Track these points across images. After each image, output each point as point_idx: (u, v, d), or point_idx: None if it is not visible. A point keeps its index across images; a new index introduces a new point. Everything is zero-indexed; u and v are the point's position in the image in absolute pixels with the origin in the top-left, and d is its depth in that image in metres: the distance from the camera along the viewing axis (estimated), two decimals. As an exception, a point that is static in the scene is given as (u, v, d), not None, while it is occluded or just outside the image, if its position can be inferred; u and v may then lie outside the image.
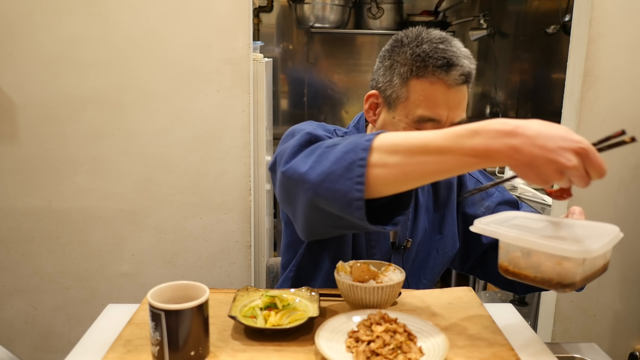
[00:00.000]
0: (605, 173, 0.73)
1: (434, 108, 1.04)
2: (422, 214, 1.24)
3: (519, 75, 3.74)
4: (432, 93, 1.03)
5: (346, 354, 0.84)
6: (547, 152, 0.70)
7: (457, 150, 0.76)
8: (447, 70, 1.01)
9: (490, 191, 1.28)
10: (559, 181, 0.73)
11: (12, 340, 1.74)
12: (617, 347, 1.80)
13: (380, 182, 0.81)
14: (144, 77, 1.61)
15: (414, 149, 0.79)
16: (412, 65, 1.04)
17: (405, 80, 1.05)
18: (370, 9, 3.36)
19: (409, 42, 1.06)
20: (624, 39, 1.60)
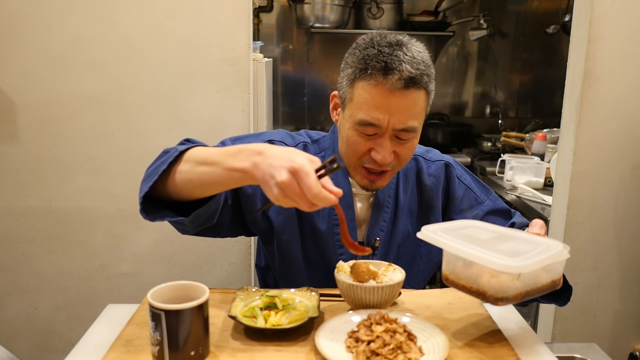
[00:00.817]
0: (319, 196, 0.79)
1: (373, 112, 1.04)
2: (404, 216, 1.24)
3: (519, 75, 3.74)
4: (372, 96, 1.04)
5: (346, 354, 0.84)
6: (271, 168, 0.81)
7: (224, 166, 0.88)
8: (385, 74, 1.02)
9: (480, 198, 1.27)
10: (282, 198, 0.81)
11: (12, 340, 1.74)
12: (617, 347, 1.80)
13: (175, 186, 0.97)
14: (144, 77, 1.61)
15: (199, 161, 0.93)
16: (356, 67, 1.06)
17: (351, 82, 1.08)
18: (370, 9, 3.36)
19: (361, 44, 1.09)
20: (624, 39, 1.60)
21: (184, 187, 0.97)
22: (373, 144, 1.07)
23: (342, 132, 1.12)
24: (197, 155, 0.95)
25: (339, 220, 1.11)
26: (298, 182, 0.80)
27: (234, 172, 0.87)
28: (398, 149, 1.09)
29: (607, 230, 1.72)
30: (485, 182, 2.92)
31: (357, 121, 1.06)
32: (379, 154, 1.07)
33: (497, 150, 3.23)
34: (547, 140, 2.77)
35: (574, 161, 1.67)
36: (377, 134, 1.06)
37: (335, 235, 1.19)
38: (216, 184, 0.92)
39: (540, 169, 2.51)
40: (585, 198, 1.70)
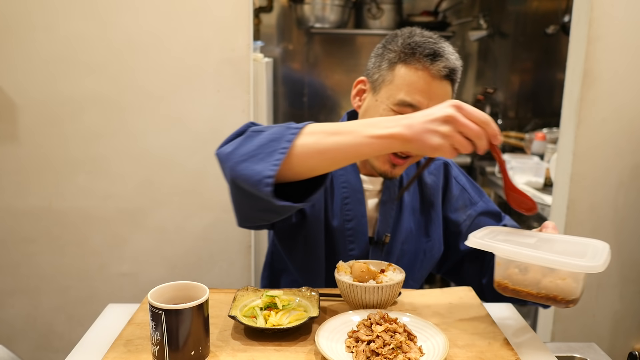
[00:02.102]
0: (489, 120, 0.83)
1: (415, 94, 1.07)
2: (407, 214, 1.25)
3: (518, 75, 3.74)
4: (416, 80, 1.07)
5: (346, 354, 0.84)
6: (427, 117, 0.83)
7: (365, 134, 0.85)
8: (433, 60, 1.06)
9: (474, 199, 1.30)
10: (450, 135, 0.81)
11: (13, 340, 1.74)
12: (617, 347, 1.81)
13: (298, 161, 0.87)
14: (143, 77, 1.61)
15: (330, 131, 0.88)
16: (401, 52, 1.09)
17: (392, 64, 1.10)
18: (370, 9, 3.36)
19: (402, 34, 1.13)
20: (624, 39, 1.60)
21: (309, 161, 0.88)
22: None
23: (373, 115, 1.13)
24: (324, 128, 0.89)
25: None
26: (464, 114, 0.82)
27: (378, 139, 0.84)
28: None
29: (606, 230, 1.72)
30: (485, 182, 2.95)
31: (397, 101, 1.08)
32: None
33: (497, 151, 3.23)
34: (547, 140, 2.77)
35: (573, 161, 1.67)
36: None
37: (347, 231, 1.21)
38: (353, 152, 0.87)
39: (540, 169, 2.51)
40: (585, 198, 1.70)
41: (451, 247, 1.30)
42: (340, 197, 1.22)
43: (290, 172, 0.88)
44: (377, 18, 3.38)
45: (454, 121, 0.82)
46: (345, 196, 1.21)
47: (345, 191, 1.21)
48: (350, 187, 1.21)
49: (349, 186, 1.21)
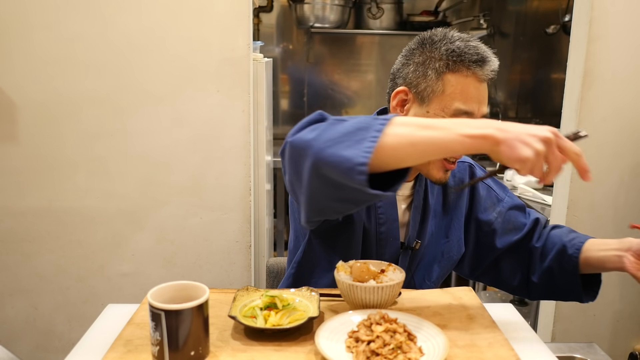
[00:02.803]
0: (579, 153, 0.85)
1: (469, 101, 1.07)
2: (431, 217, 1.24)
3: (519, 75, 3.74)
4: (467, 87, 1.07)
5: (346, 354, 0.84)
6: (526, 130, 0.83)
7: (458, 131, 0.84)
8: (482, 65, 1.06)
9: (500, 196, 1.30)
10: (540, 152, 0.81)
11: (13, 340, 1.74)
12: (617, 347, 1.80)
13: (388, 151, 0.84)
14: (143, 77, 1.61)
15: (423, 125, 0.86)
16: (447, 60, 1.07)
17: (440, 74, 1.08)
18: (370, 9, 3.36)
19: (440, 39, 1.10)
20: (624, 39, 1.60)
21: (400, 151, 0.86)
22: None
23: None
24: (415, 121, 0.88)
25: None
26: (559, 142, 0.83)
27: (470, 138, 0.84)
28: None
29: (607, 230, 1.72)
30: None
31: (453, 111, 1.07)
32: None
33: (497, 150, 3.23)
34: (547, 140, 2.77)
35: (574, 161, 1.67)
36: None
37: (379, 234, 1.19)
38: (444, 148, 0.86)
39: (540, 169, 2.51)
40: (585, 198, 1.70)
41: (486, 246, 1.29)
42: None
43: (378, 161, 0.84)
44: (377, 18, 3.38)
45: (549, 144, 0.82)
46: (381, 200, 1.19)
47: None
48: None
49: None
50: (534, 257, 1.24)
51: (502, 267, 1.29)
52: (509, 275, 1.28)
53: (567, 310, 1.77)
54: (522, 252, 1.26)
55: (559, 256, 1.20)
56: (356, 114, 3.56)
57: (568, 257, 1.17)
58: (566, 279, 1.19)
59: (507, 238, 1.26)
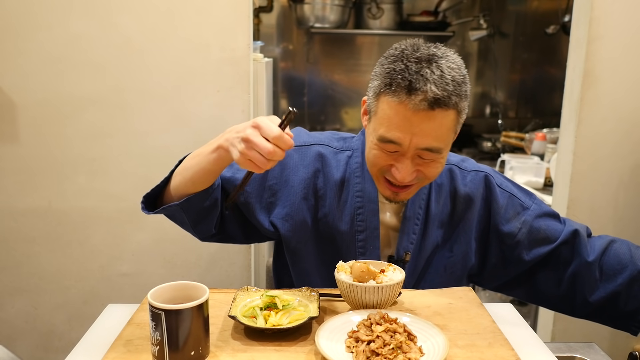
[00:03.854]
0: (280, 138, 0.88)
1: (395, 130, 1.00)
2: (434, 228, 1.18)
3: (519, 75, 3.74)
4: (395, 114, 0.99)
5: (346, 354, 0.84)
6: (236, 132, 0.93)
7: (205, 152, 1.01)
8: (408, 94, 0.97)
9: (525, 204, 1.20)
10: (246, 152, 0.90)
11: (13, 340, 1.74)
12: (617, 347, 1.80)
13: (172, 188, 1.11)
14: (143, 77, 1.61)
15: (189, 159, 1.07)
16: (382, 81, 1.01)
17: (376, 95, 1.03)
18: (370, 9, 3.36)
19: (391, 55, 1.03)
20: (624, 39, 1.60)
21: (181, 185, 1.08)
22: (394, 161, 1.04)
23: (367, 142, 1.09)
24: (188, 157, 1.07)
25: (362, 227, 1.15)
26: (260, 132, 0.89)
27: (211, 153, 0.99)
28: (422, 168, 1.04)
29: (607, 230, 1.72)
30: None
31: (379, 137, 1.02)
32: (399, 173, 1.03)
33: (497, 150, 3.23)
34: (547, 140, 2.77)
35: (574, 161, 1.67)
36: (398, 152, 1.02)
37: (358, 242, 1.16)
38: (203, 170, 1.02)
39: (540, 169, 2.51)
40: (585, 198, 1.70)
41: (512, 261, 1.19)
42: (353, 207, 1.15)
43: (171, 195, 1.12)
44: (377, 18, 3.37)
45: (248, 141, 0.89)
46: (359, 206, 1.15)
47: (359, 200, 1.15)
48: (365, 196, 1.15)
49: (364, 195, 1.15)
50: (590, 274, 1.14)
51: (538, 280, 1.20)
52: (547, 288, 1.20)
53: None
54: (561, 265, 1.17)
55: (633, 282, 1.10)
56: (356, 113, 3.57)
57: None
58: (635, 307, 1.11)
59: (536, 250, 1.17)
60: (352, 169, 1.17)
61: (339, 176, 1.17)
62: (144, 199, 1.13)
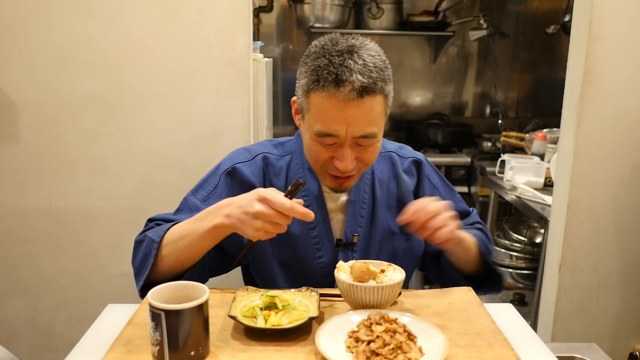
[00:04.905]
0: (294, 209, 0.92)
1: (330, 123, 1.04)
2: (382, 211, 1.24)
3: (519, 75, 3.74)
4: (327, 108, 1.03)
5: (346, 354, 0.84)
6: (241, 208, 0.95)
7: (200, 231, 1.01)
8: (337, 86, 1.01)
9: (445, 199, 1.24)
10: (261, 227, 0.94)
11: (12, 340, 1.74)
12: (617, 347, 1.80)
13: (161, 271, 1.07)
14: (144, 77, 1.61)
15: (177, 239, 1.04)
16: (309, 78, 1.05)
17: (305, 92, 1.07)
18: (370, 9, 3.36)
19: (313, 52, 1.07)
20: (624, 39, 1.60)
21: (175, 266, 1.07)
22: (334, 153, 1.08)
23: (304, 140, 1.14)
24: (174, 235, 1.06)
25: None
26: (270, 205, 0.92)
27: (210, 231, 1.00)
28: (360, 154, 1.09)
29: (607, 230, 1.72)
30: (485, 182, 2.95)
31: (316, 132, 1.06)
32: (340, 163, 1.08)
33: (497, 150, 3.23)
34: (547, 140, 2.77)
35: (574, 161, 1.67)
36: (336, 143, 1.07)
37: (312, 238, 1.19)
38: (200, 248, 1.04)
39: (540, 169, 2.51)
40: (585, 198, 1.70)
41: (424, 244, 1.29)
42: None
43: (167, 273, 1.07)
44: (377, 18, 3.37)
45: (262, 216, 0.92)
46: (307, 204, 1.18)
47: (307, 199, 1.19)
48: (310, 194, 1.20)
49: (309, 193, 1.20)
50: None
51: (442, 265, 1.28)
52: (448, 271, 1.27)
53: (567, 310, 1.77)
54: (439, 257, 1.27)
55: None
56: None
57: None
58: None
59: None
60: (294, 172, 1.22)
61: (282, 181, 1.22)
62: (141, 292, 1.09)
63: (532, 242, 2.93)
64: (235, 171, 1.21)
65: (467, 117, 3.76)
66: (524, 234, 2.97)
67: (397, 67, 3.64)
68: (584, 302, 1.77)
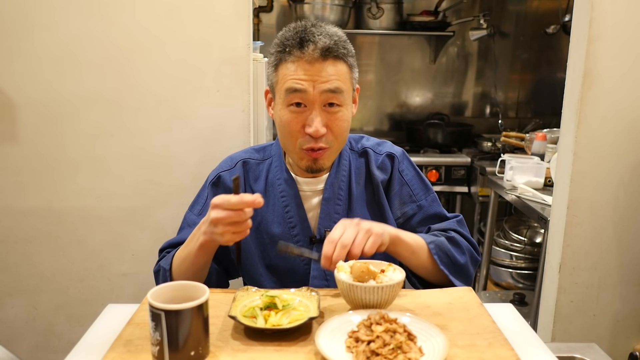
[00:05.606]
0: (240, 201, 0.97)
1: (298, 81, 1.11)
2: (359, 207, 1.26)
3: (519, 75, 3.74)
4: (294, 70, 1.11)
5: (346, 354, 0.84)
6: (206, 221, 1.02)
7: (194, 251, 1.08)
8: (301, 48, 1.10)
9: (417, 197, 1.28)
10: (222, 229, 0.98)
11: (12, 340, 1.74)
12: (617, 347, 1.80)
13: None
14: (144, 77, 1.61)
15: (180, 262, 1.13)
16: (277, 51, 1.15)
17: (275, 67, 1.16)
18: (370, 9, 3.36)
19: (279, 35, 1.17)
20: (624, 39, 1.60)
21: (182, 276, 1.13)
22: (305, 120, 1.13)
23: (278, 120, 1.18)
24: (177, 261, 1.14)
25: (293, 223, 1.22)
26: (222, 208, 0.97)
27: (200, 249, 1.06)
28: (329, 122, 1.14)
29: (607, 230, 1.72)
30: (485, 182, 2.95)
31: (285, 90, 1.12)
32: (311, 128, 1.12)
33: (497, 150, 3.23)
34: (547, 140, 2.77)
35: (574, 161, 1.67)
36: (306, 106, 1.12)
37: (293, 237, 1.23)
38: (200, 265, 1.11)
39: (540, 169, 2.51)
40: (585, 198, 1.70)
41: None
42: (281, 206, 1.24)
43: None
44: (377, 18, 3.37)
45: (219, 221, 0.97)
46: (285, 204, 1.24)
47: (285, 199, 1.24)
48: (288, 194, 1.24)
49: (287, 194, 1.24)
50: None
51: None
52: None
53: (567, 310, 1.77)
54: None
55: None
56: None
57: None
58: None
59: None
60: (273, 174, 1.26)
61: (262, 184, 1.27)
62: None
63: (532, 242, 2.93)
64: (220, 179, 1.28)
65: (467, 117, 3.76)
66: (524, 234, 2.97)
67: (397, 67, 3.65)
68: (584, 302, 1.77)
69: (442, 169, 3.18)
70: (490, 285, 3.07)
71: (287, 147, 1.20)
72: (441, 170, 3.17)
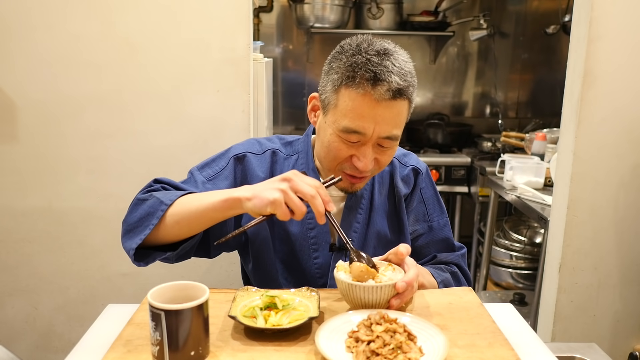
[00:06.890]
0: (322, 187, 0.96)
1: (359, 120, 1.04)
2: (378, 217, 1.24)
3: (519, 75, 3.74)
4: (359, 105, 1.03)
5: (346, 354, 0.84)
6: (268, 182, 0.97)
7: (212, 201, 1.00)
8: (374, 85, 1.01)
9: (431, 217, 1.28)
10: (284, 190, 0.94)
11: (12, 340, 1.74)
12: (617, 347, 1.80)
13: (161, 234, 1.04)
14: (144, 77, 1.61)
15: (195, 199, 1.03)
16: (343, 73, 1.05)
17: (336, 87, 1.07)
18: (370, 9, 3.36)
19: (348, 49, 1.07)
20: (624, 39, 1.60)
21: (177, 233, 1.05)
22: (355, 151, 1.08)
23: (323, 137, 1.12)
24: (185, 201, 1.03)
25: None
26: (301, 179, 0.93)
27: (224, 202, 0.98)
28: (379, 156, 1.10)
29: (607, 230, 1.72)
30: (485, 182, 2.95)
31: (342, 128, 1.05)
32: (360, 162, 1.07)
33: (497, 150, 3.23)
34: (547, 140, 2.77)
35: (574, 161, 1.67)
36: (360, 141, 1.07)
37: (310, 239, 1.20)
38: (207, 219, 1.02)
39: (540, 169, 2.51)
40: (585, 198, 1.70)
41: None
42: None
43: (161, 239, 1.05)
44: (377, 18, 3.37)
45: (289, 180, 0.94)
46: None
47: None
48: None
49: None
50: None
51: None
52: None
53: (567, 310, 1.77)
54: None
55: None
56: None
57: None
58: None
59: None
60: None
61: None
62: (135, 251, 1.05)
63: (532, 242, 2.93)
64: (246, 159, 1.20)
65: (467, 117, 3.76)
66: (524, 234, 2.97)
67: (397, 67, 3.64)
68: (584, 302, 1.77)
69: (442, 169, 3.18)
70: (490, 285, 3.07)
71: (326, 164, 1.15)
72: (441, 171, 3.17)
